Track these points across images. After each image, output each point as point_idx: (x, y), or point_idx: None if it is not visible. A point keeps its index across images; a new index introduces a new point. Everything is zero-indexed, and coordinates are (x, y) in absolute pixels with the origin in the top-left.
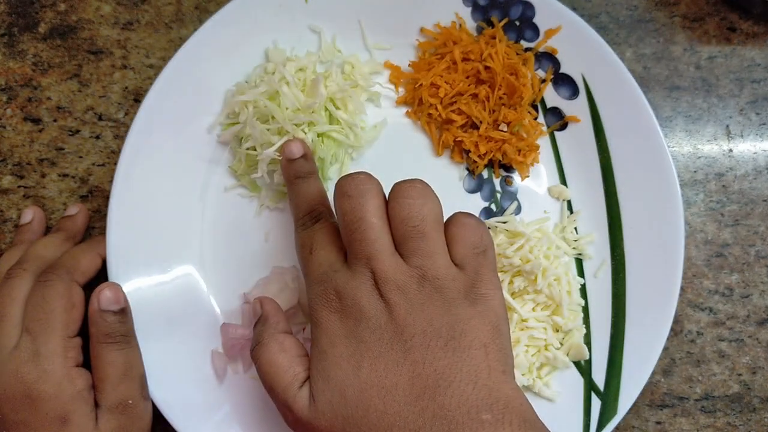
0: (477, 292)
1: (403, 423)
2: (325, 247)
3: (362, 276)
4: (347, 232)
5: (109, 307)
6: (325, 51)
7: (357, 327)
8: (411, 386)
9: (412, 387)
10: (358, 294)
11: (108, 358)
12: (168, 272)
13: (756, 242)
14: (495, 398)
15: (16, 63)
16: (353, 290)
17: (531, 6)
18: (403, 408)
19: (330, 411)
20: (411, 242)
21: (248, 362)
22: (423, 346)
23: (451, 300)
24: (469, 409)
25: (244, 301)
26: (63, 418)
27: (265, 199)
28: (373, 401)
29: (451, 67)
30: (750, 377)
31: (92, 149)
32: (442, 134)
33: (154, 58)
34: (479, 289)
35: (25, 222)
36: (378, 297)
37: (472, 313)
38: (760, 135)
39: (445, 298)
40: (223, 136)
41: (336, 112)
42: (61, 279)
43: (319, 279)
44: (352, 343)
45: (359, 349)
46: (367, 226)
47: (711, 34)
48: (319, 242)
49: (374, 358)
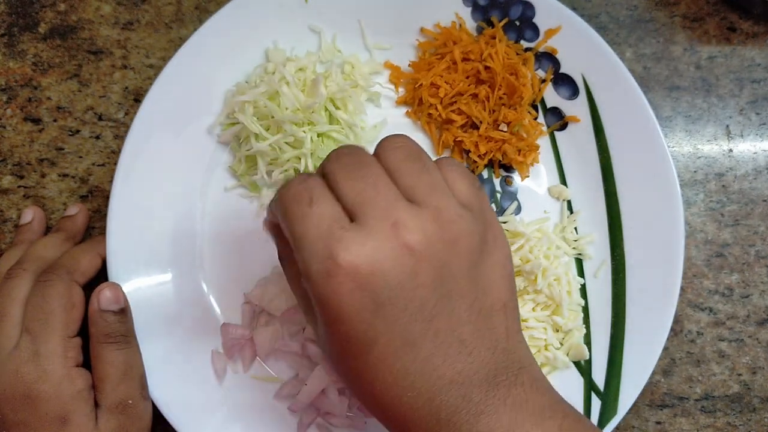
0: (490, 236)
1: (416, 391)
2: (329, 200)
3: (380, 233)
4: (354, 186)
5: (109, 307)
6: (325, 51)
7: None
8: (431, 356)
9: (431, 357)
10: (378, 255)
11: (108, 358)
12: (168, 272)
13: (756, 242)
14: (511, 360)
15: (16, 63)
16: (373, 251)
17: (531, 6)
18: (417, 377)
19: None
20: (421, 186)
21: (248, 362)
22: (447, 312)
23: (471, 250)
24: (486, 373)
25: (244, 301)
26: (63, 418)
27: (265, 199)
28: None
29: (451, 67)
30: (750, 377)
31: (92, 149)
32: (442, 134)
33: (154, 58)
34: (491, 231)
35: (25, 222)
36: (400, 257)
37: (490, 263)
38: (760, 135)
39: (466, 248)
40: (223, 136)
41: (336, 112)
42: (61, 279)
43: (321, 236)
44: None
45: (372, 327)
46: (376, 175)
47: (711, 34)
48: (322, 194)
49: (392, 338)
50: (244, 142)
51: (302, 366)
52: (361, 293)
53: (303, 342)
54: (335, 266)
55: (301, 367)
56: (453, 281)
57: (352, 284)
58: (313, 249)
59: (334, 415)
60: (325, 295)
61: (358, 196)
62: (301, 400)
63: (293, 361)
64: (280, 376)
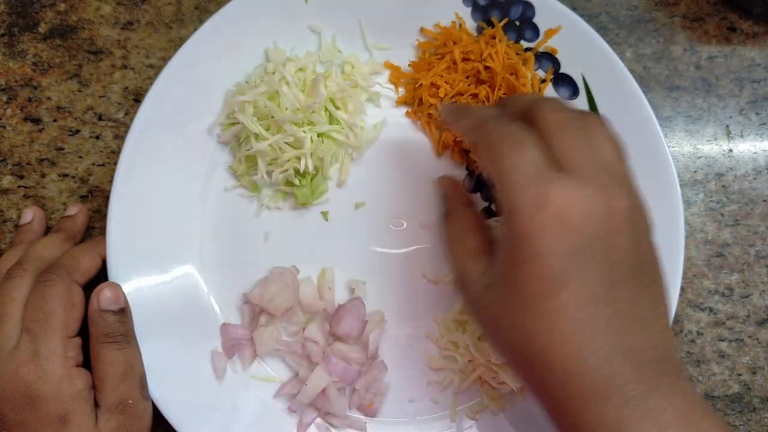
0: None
1: (591, 350)
2: (541, 146)
3: (592, 188)
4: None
5: (109, 306)
6: (325, 51)
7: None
8: (611, 319)
9: (612, 320)
10: (588, 205)
11: (108, 358)
12: (168, 272)
13: (756, 242)
14: (672, 347)
15: (16, 63)
16: (584, 200)
17: (531, 6)
18: (596, 335)
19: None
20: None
21: (248, 362)
22: (633, 284)
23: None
24: (656, 356)
25: (244, 301)
26: (63, 418)
27: (265, 199)
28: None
29: (451, 67)
30: (750, 377)
31: (92, 149)
32: (442, 134)
33: (154, 58)
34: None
35: (25, 222)
36: (607, 214)
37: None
38: (760, 135)
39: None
40: (223, 136)
41: (336, 112)
42: (60, 279)
43: (535, 172)
44: (560, 260)
45: (567, 270)
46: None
47: (711, 34)
48: (535, 140)
49: (582, 285)
50: (244, 142)
51: (302, 366)
52: (565, 234)
53: (303, 342)
54: (546, 203)
55: (301, 367)
56: (640, 257)
57: (558, 223)
58: (524, 183)
59: (334, 415)
60: (530, 228)
61: (575, 152)
62: (301, 400)
63: (293, 361)
64: (280, 376)
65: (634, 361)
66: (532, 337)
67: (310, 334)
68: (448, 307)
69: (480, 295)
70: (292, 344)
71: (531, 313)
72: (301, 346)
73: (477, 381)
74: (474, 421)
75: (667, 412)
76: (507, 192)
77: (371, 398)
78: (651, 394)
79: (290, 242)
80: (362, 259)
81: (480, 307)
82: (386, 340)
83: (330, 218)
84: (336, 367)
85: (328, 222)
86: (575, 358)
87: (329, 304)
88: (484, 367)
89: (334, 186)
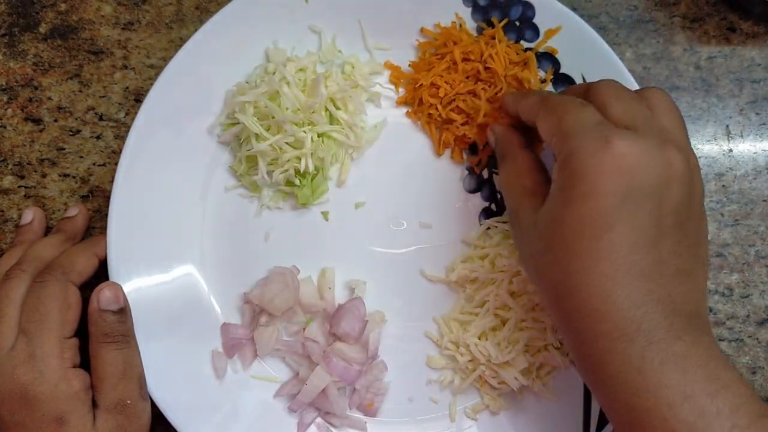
0: None
1: (629, 292)
2: (594, 110)
3: (651, 142)
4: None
5: (109, 306)
6: (325, 51)
7: (628, 188)
8: (652, 266)
9: (652, 268)
10: (646, 155)
11: (107, 358)
12: (168, 272)
13: (756, 242)
14: (704, 307)
15: (16, 63)
16: (642, 150)
17: (531, 6)
18: (635, 279)
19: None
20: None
21: (248, 362)
22: (677, 238)
23: (701, 197)
24: (688, 311)
25: (244, 301)
26: (60, 419)
27: (265, 199)
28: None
29: (451, 67)
30: (750, 377)
31: (93, 149)
32: (442, 134)
33: (155, 58)
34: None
35: (26, 222)
36: (663, 166)
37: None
38: (760, 135)
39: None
40: (224, 137)
41: (336, 113)
42: (56, 279)
43: (597, 124)
44: (612, 203)
45: (616, 213)
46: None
47: (711, 34)
48: (594, 107)
49: (629, 230)
50: (245, 142)
51: (302, 366)
52: (620, 177)
53: (303, 342)
54: (606, 146)
55: (301, 367)
56: (689, 216)
57: (615, 166)
58: (587, 129)
59: (334, 415)
60: (588, 168)
61: (634, 117)
62: (301, 400)
63: (293, 361)
64: (280, 376)
65: (665, 310)
66: (570, 275)
67: (310, 334)
68: (448, 306)
69: (528, 231)
70: (292, 344)
71: (574, 251)
72: (302, 346)
73: (477, 381)
74: (474, 421)
75: (689, 359)
76: (568, 138)
77: (371, 398)
78: (676, 341)
79: (290, 242)
80: (362, 259)
81: (526, 243)
82: (386, 340)
83: (330, 218)
84: (336, 367)
85: (328, 222)
86: (608, 300)
87: (329, 304)
88: (484, 366)
89: (334, 186)
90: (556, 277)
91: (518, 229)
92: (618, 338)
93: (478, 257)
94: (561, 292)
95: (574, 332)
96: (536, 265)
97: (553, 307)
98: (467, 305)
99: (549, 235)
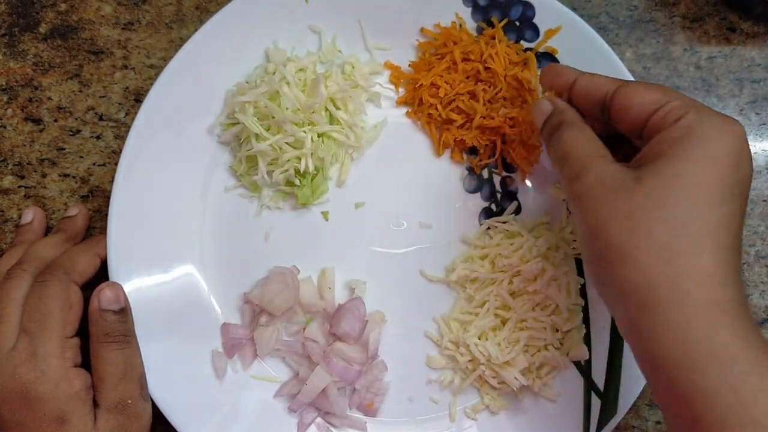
0: None
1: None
2: None
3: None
4: None
5: (110, 306)
6: (325, 51)
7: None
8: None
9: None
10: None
11: (108, 358)
12: (168, 272)
13: (756, 242)
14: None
15: (16, 63)
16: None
17: (531, 6)
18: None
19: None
20: None
21: (248, 362)
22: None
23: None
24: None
25: (244, 301)
26: (61, 419)
27: (265, 199)
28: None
29: (451, 67)
30: None
31: (93, 149)
32: (442, 134)
33: (155, 58)
34: None
35: (26, 222)
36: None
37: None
38: (760, 135)
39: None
40: (224, 137)
41: (336, 112)
42: (58, 279)
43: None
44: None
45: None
46: None
47: (711, 34)
48: None
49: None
50: (245, 142)
51: (302, 366)
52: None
53: (303, 342)
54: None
55: (301, 367)
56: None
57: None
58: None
59: (334, 415)
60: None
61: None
62: (301, 400)
63: (293, 361)
64: (280, 376)
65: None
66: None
67: (310, 334)
68: (448, 306)
69: (603, 196)
70: (292, 344)
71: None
72: (302, 346)
73: (477, 381)
74: (474, 421)
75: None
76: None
77: (371, 398)
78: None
79: (290, 242)
80: (362, 259)
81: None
82: (386, 340)
83: (330, 218)
84: (336, 367)
85: (328, 222)
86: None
87: (329, 304)
88: (484, 366)
89: (334, 186)
90: (661, 238)
91: (589, 193)
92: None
93: (478, 257)
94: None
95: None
96: (630, 225)
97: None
98: (467, 305)
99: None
